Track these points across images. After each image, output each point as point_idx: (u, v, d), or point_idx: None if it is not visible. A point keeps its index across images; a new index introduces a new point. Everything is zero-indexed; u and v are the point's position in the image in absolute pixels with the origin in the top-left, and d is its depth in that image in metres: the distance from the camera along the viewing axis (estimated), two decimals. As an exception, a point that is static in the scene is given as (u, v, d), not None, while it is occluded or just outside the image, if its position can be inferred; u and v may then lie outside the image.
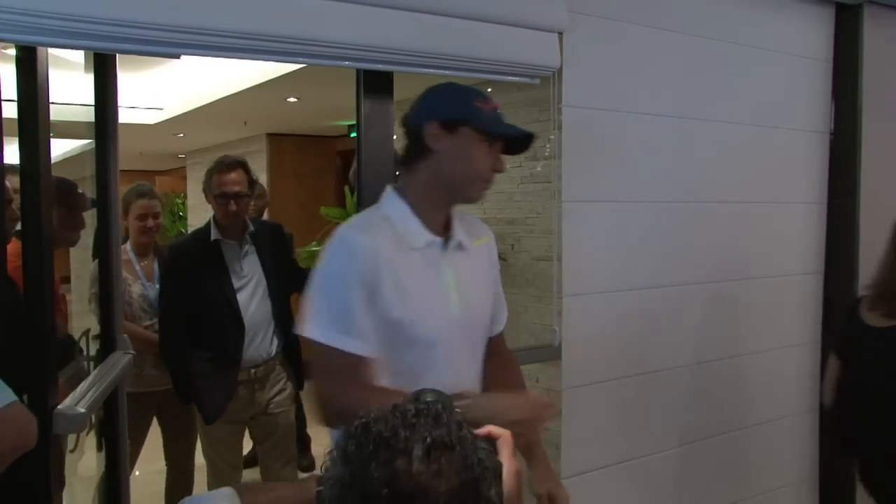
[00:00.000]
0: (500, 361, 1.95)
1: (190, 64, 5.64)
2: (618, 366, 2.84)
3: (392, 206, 1.77)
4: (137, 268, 3.62)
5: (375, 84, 2.36)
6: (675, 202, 3.01)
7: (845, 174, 3.48)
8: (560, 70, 2.60)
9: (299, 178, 8.22)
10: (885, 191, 3.55)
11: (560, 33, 2.58)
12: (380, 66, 2.29)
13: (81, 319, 3.06)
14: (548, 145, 2.71)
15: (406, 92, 4.44)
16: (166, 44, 1.91)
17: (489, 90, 3.99)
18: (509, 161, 3.95)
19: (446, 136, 1.73)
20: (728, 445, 3.23)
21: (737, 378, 3.24)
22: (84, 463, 2.73)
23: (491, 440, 1.06)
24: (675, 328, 3.02)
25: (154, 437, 3.71)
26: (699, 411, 3.12)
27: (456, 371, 1.73)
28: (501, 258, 3.88)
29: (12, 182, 2.04)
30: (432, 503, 0.86)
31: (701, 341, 3.11)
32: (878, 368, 2.56)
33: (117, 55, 2.64)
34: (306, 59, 2.20)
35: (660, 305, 2.95)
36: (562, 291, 2.69)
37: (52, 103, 2.07)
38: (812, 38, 3.47)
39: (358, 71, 2.33)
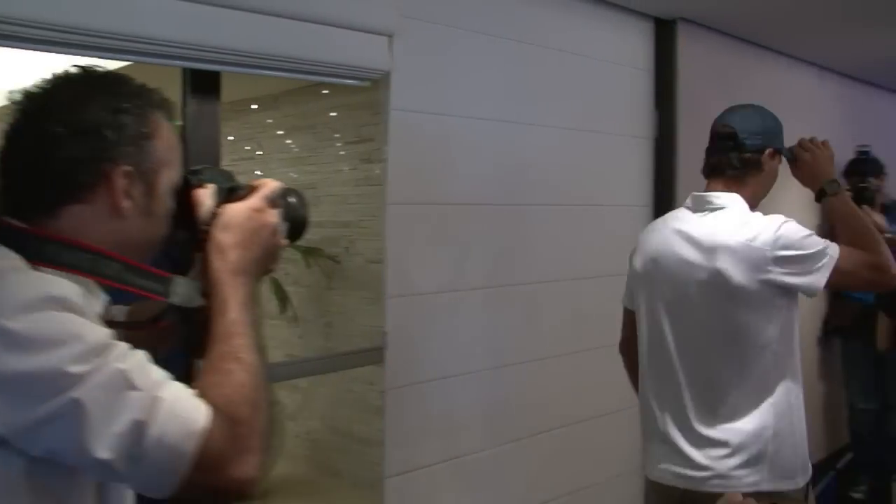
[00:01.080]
0: None
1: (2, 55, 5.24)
2: (443, 366, 2.87)
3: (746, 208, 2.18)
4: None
5: (202, 84, 2.27)
6: (503, 205, 3.08)
7: (666, 178, 3.68)
8: (390, 73, 2.60)
9: (128, 180, 7.84)
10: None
11: (389, 36, 2.58)
12: (207, 66, 2.21)
13: None
14: (386, 148, 2.70)
15: (237, 93, 4.34)
16: (-37, 33, 1.76)
17: (325, 91, 3.96)
18: (345, 164, 3.96)
19: (769, 161, 2.21)
20: (557, 441, 3.33)
21: (566, 375, 3.35)
22: None
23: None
24: (503, 328, 3.09)
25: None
26: (527, 408, 3.20)
27: None
28: (335, 260, 3.87)
29: None
30: None
31: (528, 340, 3.19)
32: None
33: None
34: (129, 57, 2.08)
35: (487, 306, 3.01)
36: (387, 293, 2.69)
37: None
38: (635, 48, 3.65)
39: (184, 70, 2.24)
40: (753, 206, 2.19)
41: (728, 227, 2.11)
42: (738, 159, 2.19)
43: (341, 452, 3.95)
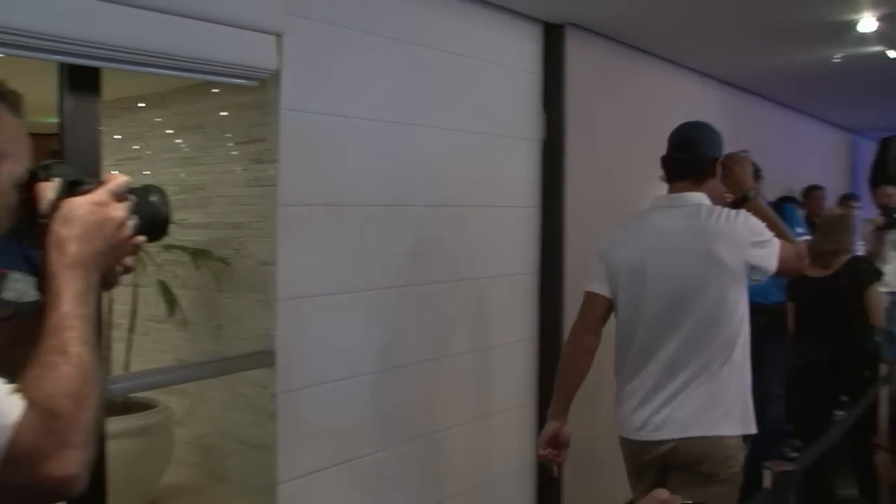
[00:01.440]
0: None
1: None
2: (336, 368, 2.85)
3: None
4: None
5: (81, 80, 2.19)
6: (395, 206, 3.09)
7: (554, 180, 3.76)
8: (279, 73, 2.57)
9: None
10: (585, 195, 3.89)
11: (278, 35, 2.55)
12: (86, 62, 2.13)
13: None
14: (277, 148, 2.67)
15: (123, 90, 4.20)
16: None
17: (215, 91, 3.89)
18: (236, 164, 3.89)
19: (718, 168, 2.74)
20: (451, 439, 3.37)
21: (458, 375, 3.39)
22: None
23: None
24: (396, 329, 3.10)
25: None
26: (422, 408, 3.23)
27: None
28: (225, 262, 3.80)
29: None
30: None
31: (420, 341, 3.21)
32: (822, 301, 4.21)
33: None
34: (2, 50, 1.99)
35: (380, 308, 3.02)
36: (279, 295, 2.66)
37: None
38: (524, 52, 3.72)
39: (60, 65, 2.16)
40: None
41: (712, 217, 2.60)
42: (700, 165, 2.69)
43: (233, 458, 3.88)
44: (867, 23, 3.92)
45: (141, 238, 1.15)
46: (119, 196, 1.12)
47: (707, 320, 2.57)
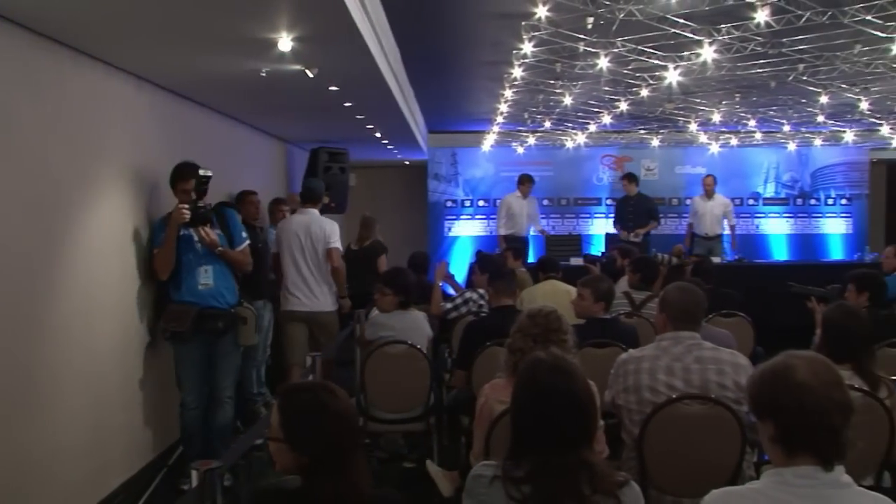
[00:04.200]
0: None
1: None
2: None
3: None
4: None
5: None
6: None
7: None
8: None
9: None
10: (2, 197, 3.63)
11: None
12: None
13: None
14: None
15: None
16: None
17: None
18: None
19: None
20: None
21: None
22: None
23: None
24: None
25: None
26: None
27: None
28: None
29: None
30: None
31: None
32: (356, 265, 7.59)
33: None
34: None
35: None
36: None
37: None
38: None
39: None
40: None
41: (321, 220, 6.27)
42: (314, 197, 6.38)
43: None
44: (285, 42, 4.33)
45: None
46: None
47: (320, 256, 6.10)
